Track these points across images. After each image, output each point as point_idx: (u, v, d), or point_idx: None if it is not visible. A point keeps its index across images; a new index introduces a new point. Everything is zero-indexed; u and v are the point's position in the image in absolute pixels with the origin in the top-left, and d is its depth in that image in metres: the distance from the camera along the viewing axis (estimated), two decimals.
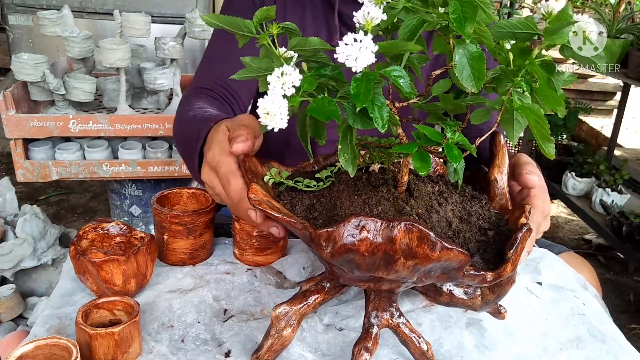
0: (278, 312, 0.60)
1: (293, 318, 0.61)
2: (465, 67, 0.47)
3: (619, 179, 2.44)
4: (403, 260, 0.49)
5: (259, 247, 0.82)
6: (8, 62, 1.86)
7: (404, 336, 0.62)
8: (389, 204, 0.56)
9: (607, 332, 0.74)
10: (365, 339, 0.60)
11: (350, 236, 0.47)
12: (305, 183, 0.60)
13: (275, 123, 0.46)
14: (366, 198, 0.57)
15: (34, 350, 0.56)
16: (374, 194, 0.57)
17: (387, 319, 0.61)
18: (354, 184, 0.59)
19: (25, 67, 1.62)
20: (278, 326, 0.60)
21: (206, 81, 0.94)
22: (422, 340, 0.62)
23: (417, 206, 0.57)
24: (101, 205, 2.76)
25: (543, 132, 0.51)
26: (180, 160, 1.85)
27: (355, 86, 0.45)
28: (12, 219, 1.53)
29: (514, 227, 0.58)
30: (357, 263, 0.50)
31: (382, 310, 0.61)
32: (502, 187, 0.65)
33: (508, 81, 0.50)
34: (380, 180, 0.60)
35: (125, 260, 0.70)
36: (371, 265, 0.50)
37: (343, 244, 0.48)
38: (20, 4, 2.61)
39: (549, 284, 0.84)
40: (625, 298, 2.31)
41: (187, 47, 2.11)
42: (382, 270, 0.50)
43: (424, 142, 0.51)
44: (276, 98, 0.46)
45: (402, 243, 0.47)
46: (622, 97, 2.66)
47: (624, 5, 2.42)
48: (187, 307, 0.71)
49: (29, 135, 1.70)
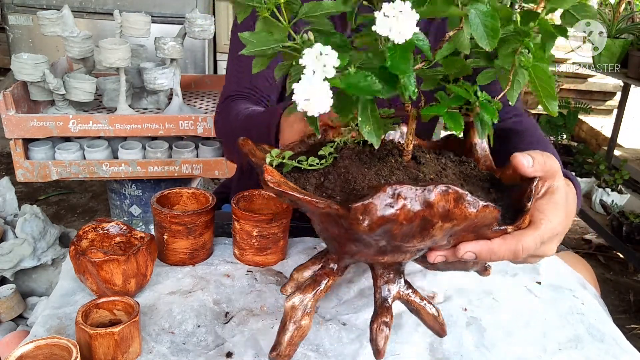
0: (293, 302, 0.58)
1: (309, 306, 0.59)
2: (479, 26, 0.46)
3: (619, 179, 2.44)
4: (441, 224, 0.49)
5: (259, 247, 0.82)
6: (8, 62, 1.86)
7: (415, 305, 0.62)
8: (401, 173, 0.56)
9: (606, 331, 0.74)
10: (382, 314, 0.59)
11: (388, 206, 0.46)
12: (309, 162, 0.58)
13: (318, 108, 0.43)
14: (377, 169, 0.56)
15: (34, 350, 0.56)
16: (383, 164, 0.57)
17: (398, 291, 0.61)
18: (359, 158, 0.58)
19: (25, 67, 1.62)
20: (295, 317, 0.59)
21: (236, 89, 0.96)
22: (432, 306, 0.63)
23: (428, 172, 0.57)
24: (101, 205, 2.76)
25: (549, 90, 0.50)
26: (179, 160, 1.85)
27: (391, 56, 0.43)
28: (12, 219, 1.53)
29: (510, 183, 0.59)
30: (393, 233, 0.49)
31: (392, 283, 0.61)
32: (484, 149, 0.65)
33: (516, 42, 0.50)
34: (384, 152, 0.59)
35: (125, 260, 0.70)
36: (408, 234, 0.49)
37: (382, 215, 0.46)
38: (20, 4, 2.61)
39: (548, 283, 0.84)
40: (625, 298, 2.31)
41: (187, 47, 2.11)
42: (417, 237, 0.50)
43: (453, 102, 0.51)
44: (316, 80, 0.43)
45: (440, 206, 0.47)
46: (622, 97, 2.66)
47: (624, 5, 2.43)
48: (187, 313, 0.71)
49: (28, 135, 1.71)
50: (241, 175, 1.14)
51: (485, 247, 0.52)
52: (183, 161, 1.86)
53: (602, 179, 2.48)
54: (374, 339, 0.59)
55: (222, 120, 0.93)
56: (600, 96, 4.25)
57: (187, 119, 1.81)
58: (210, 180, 3.04)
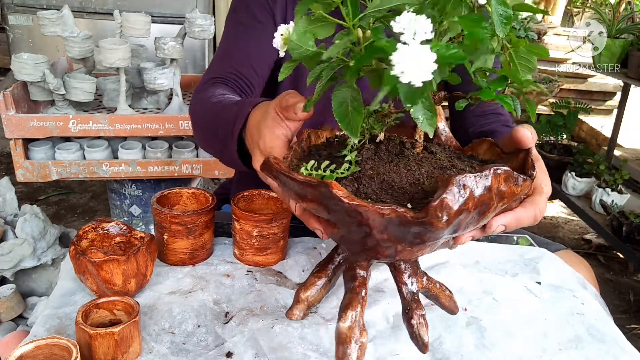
0: (349, 323, 0.56)
1: (361, 321, 0.58)
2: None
3: (619, 179, 2.44)
4: (495, 205, 0.50)
5: (258, 247, 0.82)
6: (8, 62, 1.86)
7: (435, 291, 0.64)
8: (427, 165, 0.56)
9: (606, 331, 0.74)
10: (417, 308, 0.59)
11: (460, 197, 0.47)
12: (342, 169, 0.55)
13: (418, 76, 0.41)
14: (404, 165, 0.55)
15: (34, 350, 0.56)
16: (407, 159, 0.56)
17: (420, 282, 0.62)
18: (379, 157, 0.57)
19: (25, 67, 1.62)
20: (355, 336, 0.57)
21: (220, 72, 0.95)
22: (445, 288, 0.67)
23: (444, 160, 0.58)
24: (101, 205, 2.76)
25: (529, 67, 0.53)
26: (179, 160, 1.85)
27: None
28: (12, 219, 1.53)
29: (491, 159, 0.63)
30: (460, 224, 0.49)
31: (414, 275, 0.61)
32: (447, 132, 0.67)
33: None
34: (397, 147, 0.59)
35: (125, 260, 0.70)
36: (470, 221, 0.50)
37: (458, 208, 0.47)
38: (20, 4, 2.61)
39: (548, 283, 0.84)
40: (625, 298, 2.31)
41: (187, 47, 2.11)
42: (474, 222, 0.51)
43: (497, 86, 0.52)
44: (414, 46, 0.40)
45: (495, 188, 0.49)
46: (622, 97, 2.66)
47: (624, 5, 2.43)
48: (187, 313, 0.71)
49: (28, 135, 1.71)
50: (241, 175, 1.14)
51: (513, 217, 0.56)
52: (183, 161, 1.86)
53: (602, 179, 2.48)
54: (417, 333, 0.59)
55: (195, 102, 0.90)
56: (600, 96, 4.25)
57: (187, 119, 1.81)
58: (210, 180, 3.04)
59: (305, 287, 0.68)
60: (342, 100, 0.50)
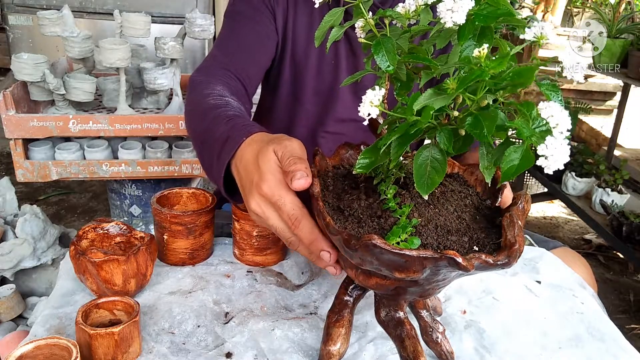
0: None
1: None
2: None
3: (619, 179, 2.44)
4: None
5: (258, 247, 0.82)
6: (8, 62, 1.86)
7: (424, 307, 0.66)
8: (452, 199, 0.57)
9: (606, 331, 0.74)
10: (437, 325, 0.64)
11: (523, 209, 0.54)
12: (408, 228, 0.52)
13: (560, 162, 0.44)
14: (439, 204, 0.55)
15: (34, 350, 0.56)
16: (432, 196, 0.57)
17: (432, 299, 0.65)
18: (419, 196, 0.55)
19: (25, 67, 1.62)
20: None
21: (220, 59, 0.96)
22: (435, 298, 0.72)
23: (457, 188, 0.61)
24: (101, 205, 2.76)
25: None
26: (179, 160, 1.85)
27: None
28: (12, 219, 1.54)
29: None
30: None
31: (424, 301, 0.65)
32: None
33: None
34: (400, 180, 0.57)
35: (125, 260, 0.70)
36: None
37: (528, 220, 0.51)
38: (20, 4, 2.61)
39: (547, 283, 0.84)
40: (625, 298, 2.31)
41: (187, 47, 2.11)
42: None
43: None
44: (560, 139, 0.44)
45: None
46: (622, 97, 2.66)
47: (624, 5, 2.43)
48: (187, 313, 0.71)
49: (28, 135, 1.70)
50: None
51: None
52: (183, 161, 1.86)
53: (602, 179, 2.48)
54: (444, 350, 0.63)
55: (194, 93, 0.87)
56: (600, 96, 4.25)
57: None
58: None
59: (332, 341, 0.63)
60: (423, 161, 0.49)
